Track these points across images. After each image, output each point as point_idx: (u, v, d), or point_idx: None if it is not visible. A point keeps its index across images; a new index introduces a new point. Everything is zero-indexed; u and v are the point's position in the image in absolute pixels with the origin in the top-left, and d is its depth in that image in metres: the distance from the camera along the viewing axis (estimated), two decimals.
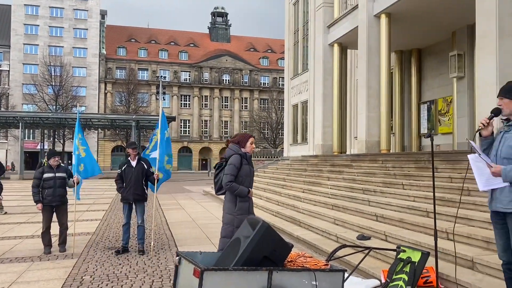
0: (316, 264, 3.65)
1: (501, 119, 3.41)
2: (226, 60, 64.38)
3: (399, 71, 16.17)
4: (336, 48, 15.71)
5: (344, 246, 4.04)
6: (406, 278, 4.32)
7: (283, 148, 42.25)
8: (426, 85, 15.72)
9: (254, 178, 16.67)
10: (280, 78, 64.31)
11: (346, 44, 15.70)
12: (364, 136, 12.82)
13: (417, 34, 14.15)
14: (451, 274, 4.38)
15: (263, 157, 36.55)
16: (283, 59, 66.04)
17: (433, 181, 3.71)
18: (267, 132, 51.85)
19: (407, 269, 4.39)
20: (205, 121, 63.12)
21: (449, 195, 6.79)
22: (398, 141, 15.83)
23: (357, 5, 13.63)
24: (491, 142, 3.39)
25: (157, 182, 6.80)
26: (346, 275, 3.63)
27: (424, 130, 15.68)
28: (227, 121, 63.80)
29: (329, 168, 12.35)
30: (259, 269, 3.26)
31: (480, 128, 3.38)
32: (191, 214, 11.37)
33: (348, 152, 16.37)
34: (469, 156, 3.35)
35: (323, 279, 3.48)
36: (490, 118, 3.36)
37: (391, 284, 4.42)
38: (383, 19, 12.60)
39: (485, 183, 3.28)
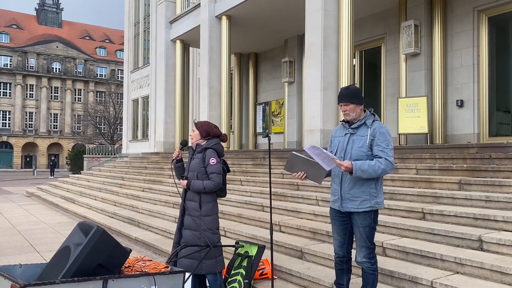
0: (156, 268, 3.50)
1: (342, 123, 3.53)
2: (57, 47, 58.31)
3: (239, 73, 16.90)
4: (178, 44, 15.61)
5: (185, 246, 3.98)
6: (244, 273, 4.49)
7: (121, 145, 40.33)
8: (261, 87, 16.78)
9: (89, 177, 15.35)
10: (119, 71, 61.14)
11: (188, 42, 15.73)
12: None
13: (254, 38, 14.95)
14: (283, 265, 4.72)
15: (99, 154, 34.25)
16: (123, 51, 63.19)
17: (270, 178, 3.91)
18: (104, 128, 48.78)
19: (244, 263, 4.56)
20: (30, 113, 56.06)
21: (281, 190, 7.34)
22: (237, 139, 16.54)
23: (199, 4, 13.77)
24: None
25: None
26: (186, 276, 3.58)
27: (259, 129, 16.73)
28: (57, 114, 57.80)
29: (171, 166, 12.18)
30: (92, 279, 2.96)
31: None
32: (11, 219, 9.93)
33: None
34: (307, 149, 3.28)
35: (163, 282, 3.35)
36: (181, 149, 4.19)
37: (230, 279, 4.54)
38: (224, 21, 12.97)
39: (329, 163, 3.26)
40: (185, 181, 4.05)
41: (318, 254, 4.77)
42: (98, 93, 59.80)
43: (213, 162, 4.03)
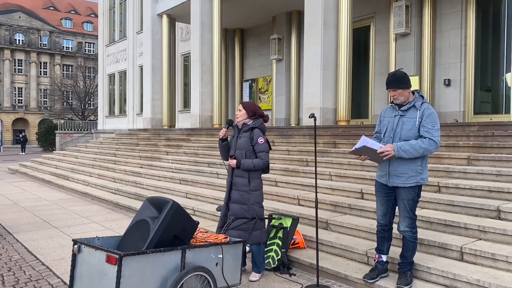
0: (216, 238, 3.76)
1: (391, 104, 3.88)
2: (19, 17, 55.44)
3: (224, 49, 16.83)
4: (165, 19, 15.37)
5: (236, 218, 4.24)
6: (280, 243, 4.80)
7: (92, 120, 39.41)
8: (247, 64, 16.83)
9: (76, 154, 15.09)
10: (87, 44, 59.16)
11: (175, 16, 15.52)
12: (198, 110, 13.10)
13: (241, 14, 14.84)
14: (313, 235, 5.05)
15: (70, 129, 33.45)
16: (90, 23, 61.09)
17: (315, 157, 4.18)
18: (74, 102, 47.38)
19: (280, 234, 4.87)
20: None
21: (291, 166, 7.65)
22: (224, 116, 16.65)
23: None
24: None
25: None
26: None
27: None
28: (21, 88, 55.45)
29: (165, 143, 12.25)
30: (174, 249, 3.20)
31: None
32: (8, 196, 9.83)
33: (176, 126, 16.44)
34: (363, 141, 3.71)
35: (227, 251, 3.63)
36: (227, 128, 4.42)
37: (266, 249, 4.83)
38: None
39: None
40: (234, 161, 4.26)
41: (344, 225, 5.12)
42: (65, 67, 57.66)
43: (261, 141, 4.28)
